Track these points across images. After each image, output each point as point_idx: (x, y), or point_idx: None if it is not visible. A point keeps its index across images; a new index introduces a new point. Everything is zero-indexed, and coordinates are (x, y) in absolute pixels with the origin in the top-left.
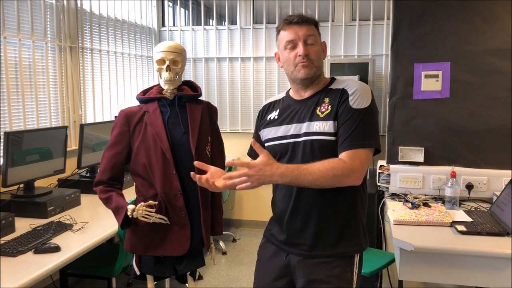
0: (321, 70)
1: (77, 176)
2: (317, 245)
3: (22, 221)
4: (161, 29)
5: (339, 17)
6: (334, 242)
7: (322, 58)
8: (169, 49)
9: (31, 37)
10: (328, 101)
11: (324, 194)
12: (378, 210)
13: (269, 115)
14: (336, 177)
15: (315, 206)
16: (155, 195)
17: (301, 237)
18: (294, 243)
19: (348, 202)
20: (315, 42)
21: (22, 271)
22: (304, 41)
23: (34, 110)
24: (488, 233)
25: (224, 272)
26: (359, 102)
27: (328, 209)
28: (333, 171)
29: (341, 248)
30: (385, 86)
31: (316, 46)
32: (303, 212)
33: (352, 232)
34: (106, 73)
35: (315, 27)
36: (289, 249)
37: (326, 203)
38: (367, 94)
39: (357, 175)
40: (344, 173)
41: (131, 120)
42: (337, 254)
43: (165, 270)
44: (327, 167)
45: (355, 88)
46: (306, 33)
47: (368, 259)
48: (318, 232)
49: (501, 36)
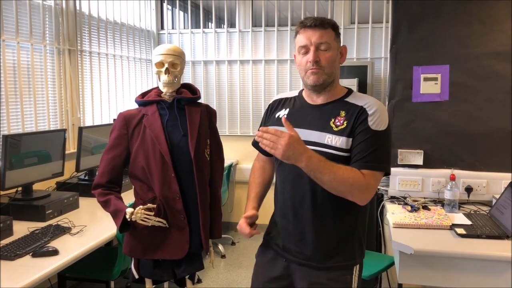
0: (333, 76)
1: (76, 179)
2: (314, 256)
3: (20, 224)
4: (160, 32)
5: (338, 20)
6: (331, 254)
7: (336, 64)
8: (168, 52)
9: (30, 40)
10: (344, 115)
11: (326, 206)
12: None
13: (278, 112)
14: (352, 188)
15: (316, 218)
16: (153, 198)
17: (299, 245)
18: (293, 251)
19: (349, 217)
20: (328, 48)
21: (20, 275)
22: (316, 47)
23: (33, 113)
24: (487, 236)
25: (223, 276)
26: (378, 124)
27: (328, 222)
28: (353, 181)
29: (336, 262)
30: (384, 89)
31: (329, 52)
32: (304, 221)
33: (348, 247)
34: (105, 76)
35: (333, 30)
36: (287, 255)
37: (327, 215)
38: (385, 117)
39: (369, 195)
40: (360, 188)
41: (130, 123)
42: (332, 267)
43: (164, 274)
44: (350, 175)
45: (375, 108)
46: (319, 39)
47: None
48: (316, 244)
49: (500, 39)
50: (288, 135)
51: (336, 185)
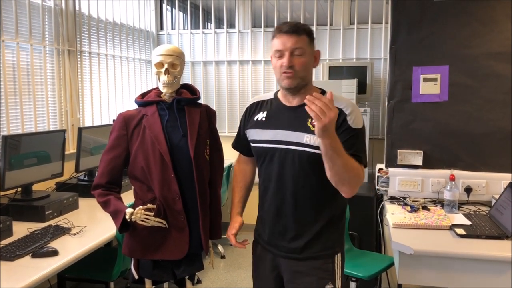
0: (307, 80)
1: (75, 179)
2: (296, 248)
3: (20, 225)
4: (160, 32)
5: (337, 21)
6: (311, 245)
7: (310, 68)
8: (168, 53)
9: (29, 40)
10: None
11: (306, 201)
12: (377, 213)
13: (257, 115)
14: (355, 177)
15: (297, 212)
16: (153, 199)
17: (282, 240)
18: (278, 245)
19: (327, 210)
20: (302, 54)
21: (20, 275)
22: (291, 52)
23: (32, 114)
24: (487, 236)
25: (222, 276)
26: (357, 123)
27: (309, 216)
28: (357, 171)
29: (316, 251)
30: (384, 89)
31: (303, 58)
32: (286, 216)
33: (327, 238)
34: (105, 76)
35: (308, 36)
36: (273, 250)
37: (308, 210)
38: (360, 115)
39: (359, 187)
40: (360, 179)
41: (129, 124)
42: (313, 257)
43: (164, 274)
44: (356, 166)
45: (351, 109)
46: (293, 44)
47: (367, 262)
48: (297, 237)
49: (499, 40)
50: (336, 111)
51: (344, 171)
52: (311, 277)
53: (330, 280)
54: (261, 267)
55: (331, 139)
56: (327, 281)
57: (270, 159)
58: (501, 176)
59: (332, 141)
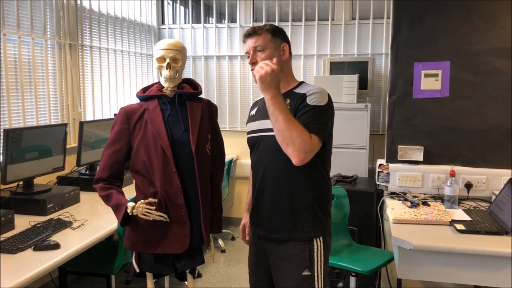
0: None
1: (77, 173)
2: (271, 229)
3: (22, 218)
4: (161, 27)
5: (339, 16)
6: (284, 227)
7: (278, 61)
8: (169, 47)
9: (31, 34)
10: (289, 103)
11: (281, 186)
12: (377, 208)
13: (252, 111)
14: (298, 137)
15: (272, 194)
16: (155, 193)
17: (261, 219)
18: (258, 224)
19: (301, 196)
20: (263, 49)
21: (22, 268)
22: (253, 51)
23: (34, 108)
24: (487, 232)
25: (223, 270)
26: (316, 101)
27: (283, 199)
28: (301, 131)
29: (291, 234)
30: (385, 85)
31: (265, 53)
32: (263, 199)
33: (302, 221)
34: (106, 70)
35: (270, 33)
36: (257, 230)
37: (282, 194)
38: (324, 96)
39: (306, 156)
40: (304, 142)
41: (131, 118)
42: (290, 239)
43: (165, 268)
44: (300, 126)
45: (314, 91)
46: (253, 43)
47: (367, 257)
48: (271, 217)
49: (501, 36)
50: (274, 66)
51: (286, 128)
52: (289, 262)
53: (307, 268)
54: (252, 249)
55: (271, 94)
56: (304, 267)
57: (254, 147)
58: (501, 172)
59: (273, 96)
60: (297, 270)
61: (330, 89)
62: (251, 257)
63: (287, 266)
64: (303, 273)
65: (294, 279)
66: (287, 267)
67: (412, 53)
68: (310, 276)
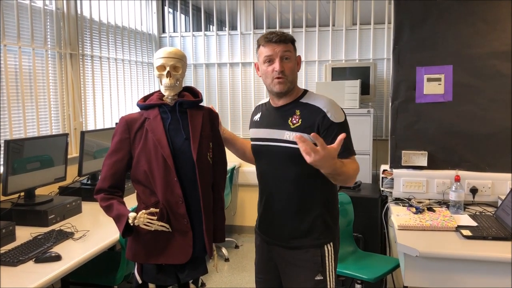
0: (294, 83)
1: (78, 183)
2: (282, 237)
3: (23, 229)
4: (162, 35)
5: (339, 22)
6: (296, 235)
7: (296, 72)
8: (170, 55)
9: (31, 44)
10: (299, 114)
11: (290, 197)
12: (381, 215)
13: (255, 116)
14: (353, 176)
15: (281, 204)
16: (156, 203)
17: (271, 227)
18: (267, 232)
19: (310, 205)
20: (290, 59)
21: (23, 281)
22: (280, 58)
23: (35, 118)
24: (494, 238)
25: (227, 279)
26: (338, 117)
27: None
28: (353, 172)
29: (302, 242)
30: (387, 90)
31: (291, 63)
32: (271, 208)
33: (312, 229)
34: (107, 79)
35: (292, 44)
36: (265, 237)
37: (292, 204)
38: (339, 109)
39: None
40: (357, 172)
41: (132, 127)
42: (301, 246)
43: (167, 279)
44: (352, 167)
45: (329, 105)
46: (283, 51)
47: (372, 264)
48: (280, 225)
49: (503, 39)
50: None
51: (347, 178)
52: (301, 268)
53: (320, 272)
54: (259, 257)
55: (325, 168)
56: (317, 272)
57: (261, 155)
58: (507, 177)
59: (328, 168)
60: (310, 275)
61: (332, 95)
62: (259, 264)
63: (299, 272)
64: (316, 278)
65: (308, 284)
66: (299, 272)
67: (414, 58)
68: (323, 280)
